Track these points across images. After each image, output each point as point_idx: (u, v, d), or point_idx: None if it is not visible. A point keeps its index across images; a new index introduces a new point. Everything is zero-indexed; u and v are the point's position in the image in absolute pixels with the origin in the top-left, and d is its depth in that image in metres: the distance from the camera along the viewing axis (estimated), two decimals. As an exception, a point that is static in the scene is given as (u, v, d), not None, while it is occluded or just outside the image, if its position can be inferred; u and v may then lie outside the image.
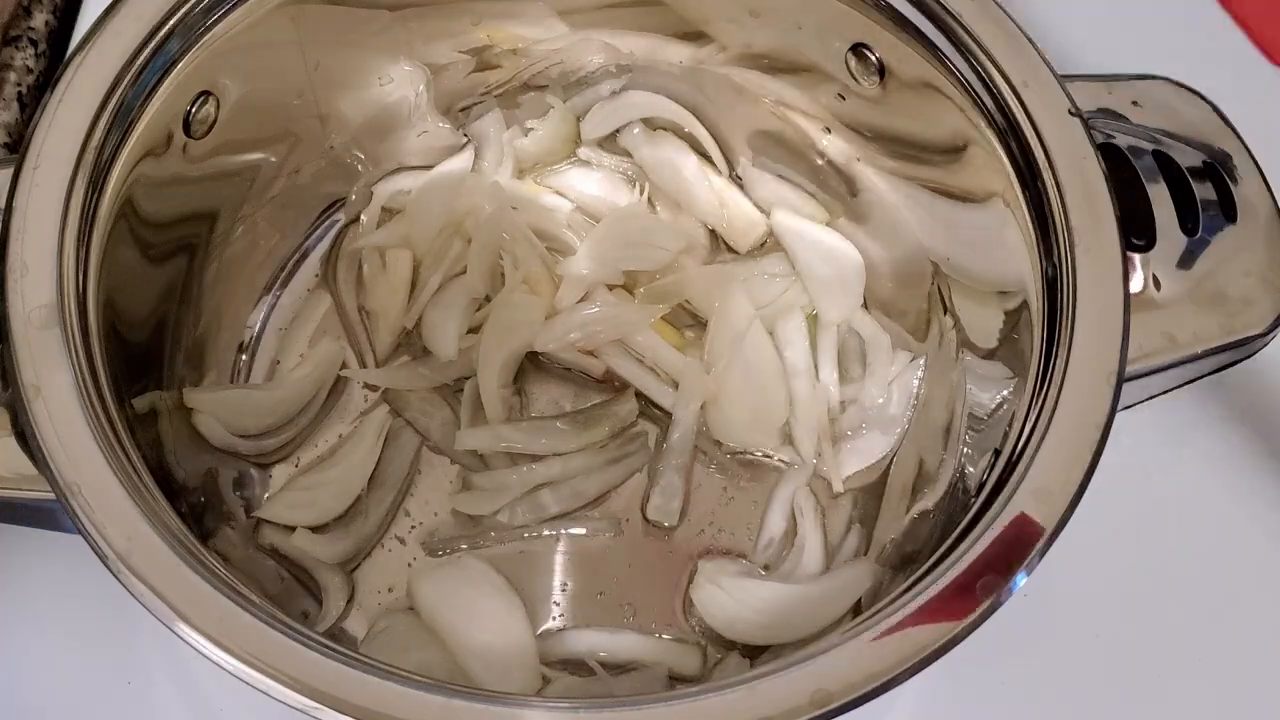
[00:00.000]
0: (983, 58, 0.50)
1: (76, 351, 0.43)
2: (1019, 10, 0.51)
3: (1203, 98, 0.54)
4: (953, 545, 0.42)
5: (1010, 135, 0.50)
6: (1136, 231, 0.50)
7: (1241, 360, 0.49)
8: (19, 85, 0.70)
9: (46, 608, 0.56)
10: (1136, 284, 0.49)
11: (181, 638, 0.38)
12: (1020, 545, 0.41)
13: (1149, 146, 0.52)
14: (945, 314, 0.58)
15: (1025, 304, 0.49)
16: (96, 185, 0.47)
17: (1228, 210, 0.51)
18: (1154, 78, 0.54)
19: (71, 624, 0.56)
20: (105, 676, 0.55)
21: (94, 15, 0.50)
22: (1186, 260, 0.50)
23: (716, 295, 0.62)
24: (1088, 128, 0.48)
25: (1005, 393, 0.50)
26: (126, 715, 0.55)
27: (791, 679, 0.38)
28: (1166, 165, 0.52)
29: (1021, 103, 0.49)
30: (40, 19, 0.73)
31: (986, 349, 0.54)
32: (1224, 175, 0.52)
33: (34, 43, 0.72)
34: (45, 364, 0.42)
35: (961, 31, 0.51)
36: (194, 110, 0.53)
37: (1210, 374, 0.49)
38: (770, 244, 0.65)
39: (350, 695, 0.37)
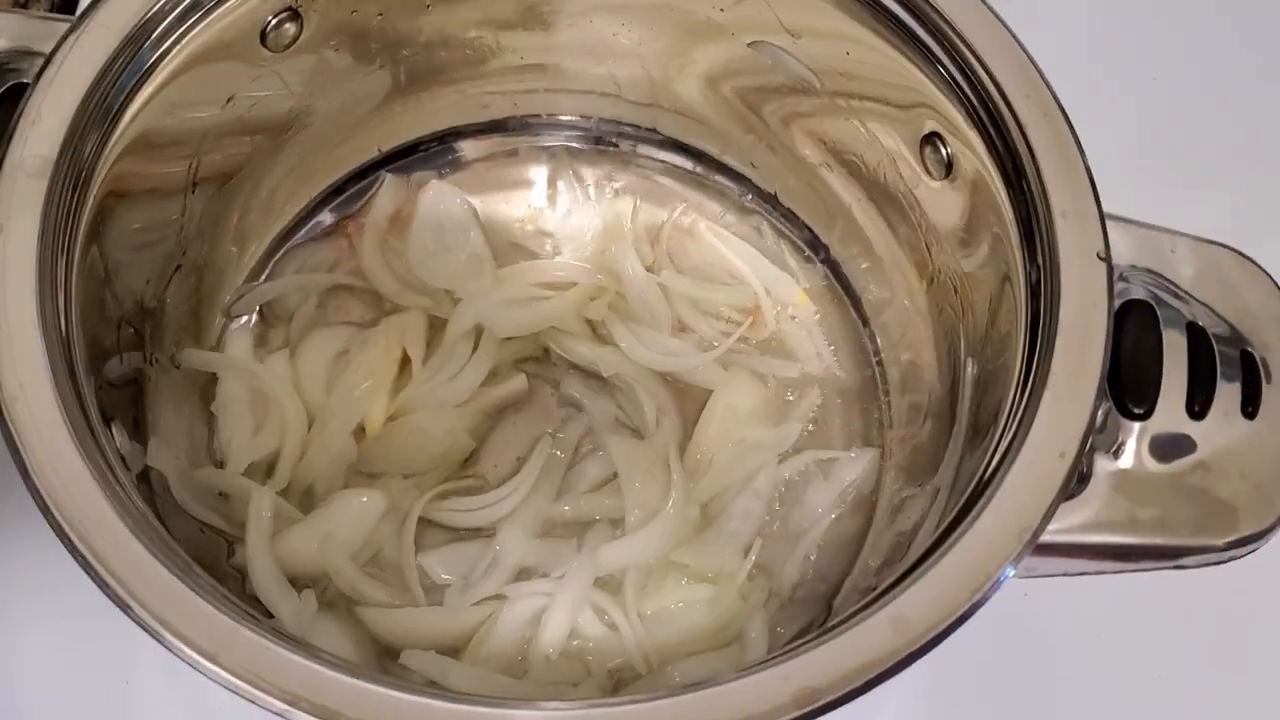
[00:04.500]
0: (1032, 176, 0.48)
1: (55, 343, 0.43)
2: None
3: (1270, 277, 0.49)
4: (939, 539, 0.41)
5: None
6: (1136, 397, 0.46)
7: (1180, 569, 0.45)
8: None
9: (45, 608, 0.57)
10: (1127, 458, 0.46)
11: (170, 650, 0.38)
12: (1006, 539, 0.40)
13: (1187, 317, 0.48)
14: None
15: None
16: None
17: (1248, 405, 0.47)
18: (1219, 245, 0.50)
19: (70, 624, 0.56)
20: (104, 676, 0.56)
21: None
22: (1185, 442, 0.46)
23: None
24: (1111, 277, 0.45)
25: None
26: (125, 715, 0.56)
27: (777, 676, 0.38)
28: (1197, 340, 0.48)
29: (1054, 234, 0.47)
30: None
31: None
32: (1259, 368, 0.47)
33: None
34: (27, 367, 0.42)
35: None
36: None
37: (1137, 571, 0.45)
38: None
39: (344, 706, 0.37)
